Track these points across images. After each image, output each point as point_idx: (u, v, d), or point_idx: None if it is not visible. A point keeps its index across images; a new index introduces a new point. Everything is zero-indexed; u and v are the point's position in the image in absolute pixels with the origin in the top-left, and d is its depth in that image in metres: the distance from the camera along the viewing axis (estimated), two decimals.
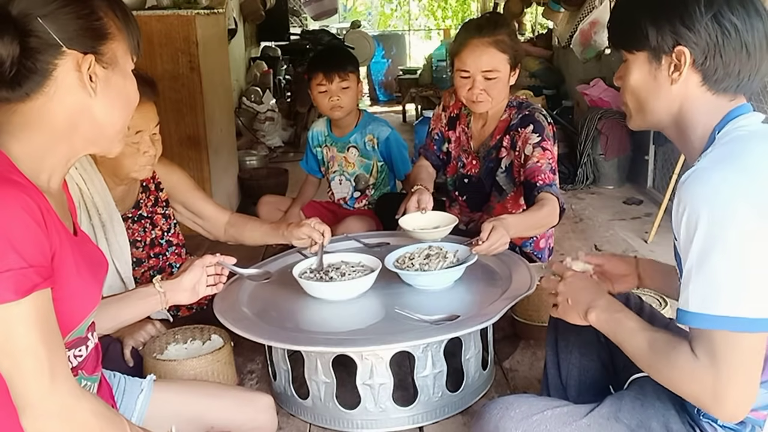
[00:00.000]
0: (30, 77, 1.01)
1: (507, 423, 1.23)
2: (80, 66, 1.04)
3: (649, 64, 1.15)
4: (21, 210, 0.94)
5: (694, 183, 1.04)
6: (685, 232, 1.04)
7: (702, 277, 1.02)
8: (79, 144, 1.11)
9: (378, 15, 14.33)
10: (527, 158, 2.20)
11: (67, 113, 1.06)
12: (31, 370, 0.95)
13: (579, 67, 5.50)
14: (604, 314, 1.23)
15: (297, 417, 1.87)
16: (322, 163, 2.97)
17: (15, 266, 0.92)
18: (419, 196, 2.18)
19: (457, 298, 1.88)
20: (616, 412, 1.21)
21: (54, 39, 1.00)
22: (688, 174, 1.06)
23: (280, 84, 7.08)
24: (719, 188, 1.02)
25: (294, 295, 1.90)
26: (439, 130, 2.54)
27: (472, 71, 2.22)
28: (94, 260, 1.19)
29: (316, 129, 2.98)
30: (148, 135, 1.95)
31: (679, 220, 1.06)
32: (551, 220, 2.12)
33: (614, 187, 4.38)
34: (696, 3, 1.09)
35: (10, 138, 1.05)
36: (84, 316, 1.12)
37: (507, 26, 2.29)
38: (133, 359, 1.85)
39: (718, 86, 1.12)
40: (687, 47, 1.10)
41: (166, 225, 2.16)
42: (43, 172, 1.08)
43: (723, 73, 1.10)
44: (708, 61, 1.10)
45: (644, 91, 1.18)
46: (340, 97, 2.70)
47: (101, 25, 1.07)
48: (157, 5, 3.42)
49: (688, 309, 1.04)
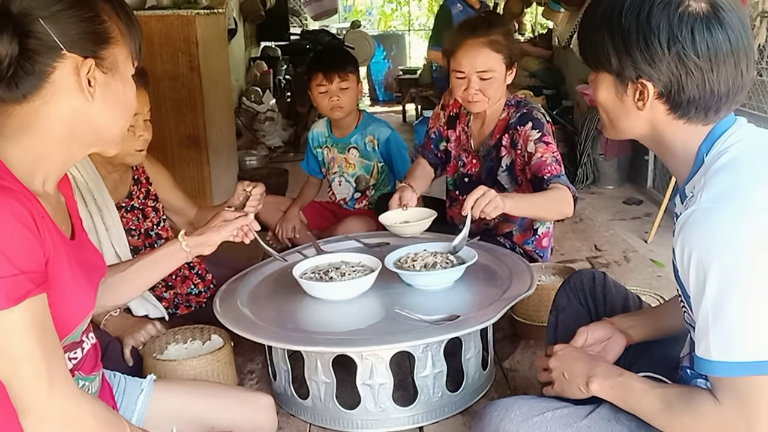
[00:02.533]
0: (27, 78, 1.00)
1: (507, 425, 1.23)
2: (79, 70, 1.02)
3: (615, 87, 1.12)
4: (11, 216, 0.93)
5: (698, 226, 1.01)
6: (695, 280, 1.02)
7: (720, 325, 1.00)
8: (77, 148, 1.10)
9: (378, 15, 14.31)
10: (531, 156, 2.19)
11: (64, 117, 1.04)
12: (29, 375, 0.95)
13: (579, 67, 5.50)
14: (608, 381, 1.20)
15: (297, 417, 1.87)
16: (323, 164, 2.97)
17: (6, 274, 0.91)
18: (401, 193, 2.23)
19: (457, 298, 1.88)
20: (616, 413, 1.21)
21: (54, 41, 0.99)
22: (688, 215, 1.03)
23: (280, 84, 7.08)
24: (727, 233, 0.99)
25: (294, 295, 1.90)
26: (437, 128, 2.55)
27: (467, 72, 2.23)
28: (90, 264, 1.18)
29: (317, 130, 2.98)
30: (142, 119, 1.97)
31: (686, 266, 1.03)
32: (564, 207, 2.08)
33: (614, 187, 4.38)
34: (657, 39, 1.03)
35: (5, 141, 1.03)
36: (78, 322, 1.12)
37: (502, 26, 2.29)
38: (132, 359, 1.85)
39: (686, 116, 1.09)
40: (650, 81, 1.07)
41: (156, 218, 2.19)
42: (38, 176, 1.07)
43: (689, 106, 1.07)
44: (672, 94, 1.07)
45: (613, 110, 1.16)
46: (339, 98, 2.70)
47: (104, 29, 1.05)
48: (157, 5, 3.42)
49: (711, 358, 1.01)
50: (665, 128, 1.12)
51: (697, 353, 1.05)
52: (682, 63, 1.03)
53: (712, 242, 0.99)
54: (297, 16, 8.80)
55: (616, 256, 3.10)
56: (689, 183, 1.12)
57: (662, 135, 1.13)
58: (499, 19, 2.52)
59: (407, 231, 2.13)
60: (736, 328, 0.99)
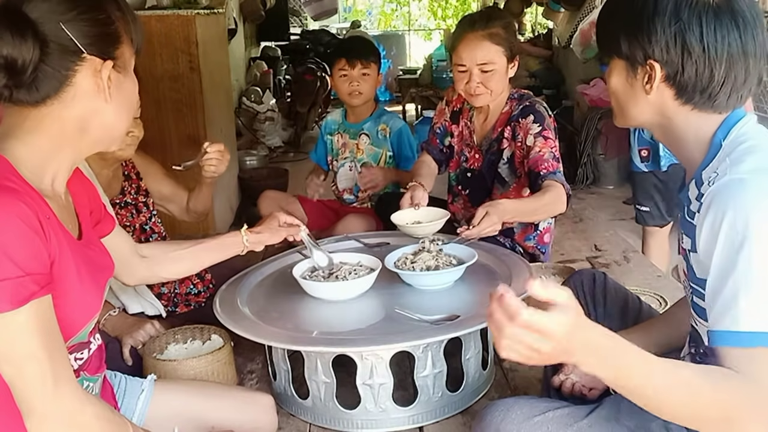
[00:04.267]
0: (48, 82, 1.01)
1: (508, 425, 1.22)
2: (99, 72, 1.04)
3: (626, 72, 1.15)
4: (16, 218, 0.93)
5: (734, 192, 0.99)
6: (725, 247, 0.98)
7: (755, 293, 0.95)
8: (85, 146, 1.11)
9: (378, 15, 14.31)
10: (529, 149, 2.20)
11: (79, 118, 1.06)
12: (33, 377, 0.95)
13: (579, 67, 5.50)
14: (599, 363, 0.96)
15: (297, 417, 1.87)
16: (330, 151, 2.99)
17: (11, 275, 0.91)
18: (413, 192, 2.23)
19: (457, 298, 1.88)
20: (616, 414, 1.21)
21: (75, 45, 1.01)
22: (723, 185, 1.01)
23: (280, 84, 7.08)
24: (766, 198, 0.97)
25: (294, 295, 1.90)
26: (442, 123, 2.56)
27: (468, 65, 2.25)
28: (97, 264, 1.18)
29: (331, 118, 3.04)
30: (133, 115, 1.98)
31: (715, 233, 1.00)
32: (557, 206, 2.10)
33: (614, 187, 4.39)
34: (660, 18, 1.07)
35: (16, 142, 1.04)
36: (84, 323, 1.12)
37: (502, 19, 2.32)
38: (132, 359, 1.85)
39: (692, 101, 1.10)
40: (657, 62, 1.09)
41: (147, 213, 2.20)
42: (46, 176, 1.07)
43: (694, 91, 1.09)
44: (678, 76, 1.08)
45: (623, 95, 1.18)
46: (360, 83, 2.77)
47: (115, 30, 1.07)
48: (157, 5, 3.42)
49: (740, 329, 0.95)
50: (675, 115, 1.13)
51: (718, 328, 0.99)
52: (683, 40, 1.06)
53: (753, 208, 0.97)
54: (297, 16, 8.81)
55: (616, 256, 3.10)
56: (706, 168, 1.11)
57: (673, 122, 1.14)
58: (499, 13, 2.55)
59: (420, 231, 2.09)
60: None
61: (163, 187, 2.25)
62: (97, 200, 1.33)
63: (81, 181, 1.27)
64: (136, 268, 1.51)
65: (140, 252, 1.53)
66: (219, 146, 2.01)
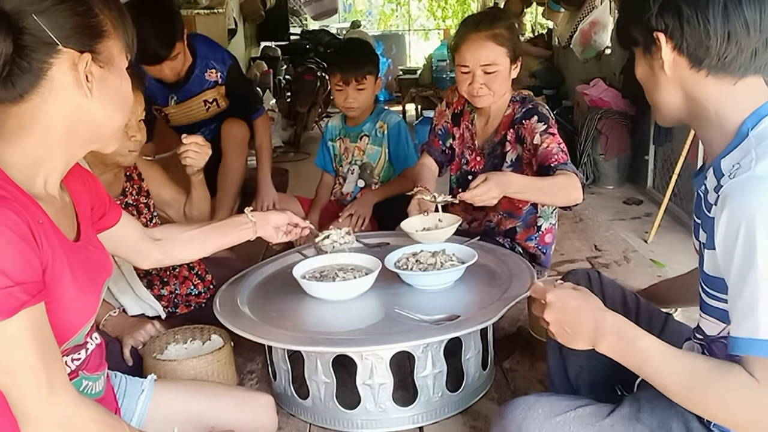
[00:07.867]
0: (24, 77, 0.98)
1: (530, 424, 1.21)
2: (77, 65, 1.01)
3: (644, 57, 1.17)
4: (5, 227, 0.92)
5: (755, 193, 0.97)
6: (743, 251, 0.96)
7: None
8: (76, 146, 1.09)
9: (378, 15, 14.32)
10: (537, 147, 2.18)
11: (63, 115, 1.03)
12: (28, 384, 0.94)
13: (579, 67, 5.51)
14: (621, 343, 1.10)
15: (297, 417, 1.87)
16: (335, 158, 2.99)
17: (0, 285, 0.90)
18: (420, 197, 2.18)
19: (457, 298, 1.88)
20: (636, 413, 1.20)
21: (50, 37, 0.98)
22: (741, 182, 0.99)
23: (280, 84, 7.08)
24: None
25: (294, 295, 1.90)
26: (443, 125, 2.54)
27: (471, 66, 2.24)
28: (94, 265, 1.17)
29: (332, 123, 3.05)
30: (136, 119, 1.96)
31: (733, 237, 0.98)
32: (571, 192, 2.04)
33: (614, 187, 4.38)
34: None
35: (4, 143, 1.02)
36: (80, 326, 1.11)
37: (505, 20, 2.30)
38: (132, 359, 1.85)
39: (705, 65, 1.09)
40: (660, 32, 1.11)
41: (148, 214, 2.19)
42: (38, 178, 1.05)
43: (704, 51, 1.08)
44: (684, 42, 1.09)
45: (648, 83, 1.20)
46: (355, 98, 2.78)
47: (98, 23, 1.04)
48: None
49: (759, 337, 0.95)
50: (695, 89, 1.13)
51: (737, 334, 0.98)
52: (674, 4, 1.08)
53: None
54: (297, 16, 8.81)
55: (616, 256, 3.10)
56: (726, 158, 1.09)
57: (696, 101, 1.13)
58: (502, 14, 2.53)
59: (431, 239, 2.04)
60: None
61: (163, 191, 2.25)
62: (101, 194, 1.32)
63: (81, 178, 1.26)
64: (150, 252, 1.54)
65: (152, 235, 1.56)
66: (197, 138, 2.02)
